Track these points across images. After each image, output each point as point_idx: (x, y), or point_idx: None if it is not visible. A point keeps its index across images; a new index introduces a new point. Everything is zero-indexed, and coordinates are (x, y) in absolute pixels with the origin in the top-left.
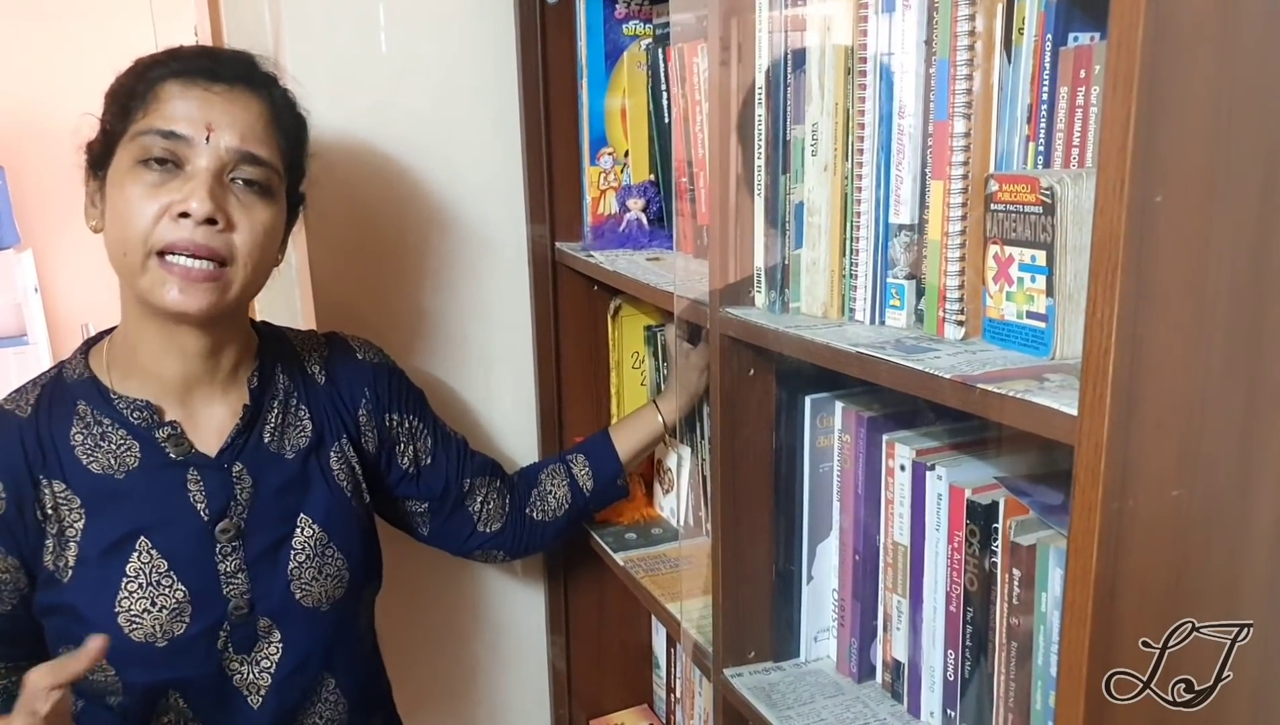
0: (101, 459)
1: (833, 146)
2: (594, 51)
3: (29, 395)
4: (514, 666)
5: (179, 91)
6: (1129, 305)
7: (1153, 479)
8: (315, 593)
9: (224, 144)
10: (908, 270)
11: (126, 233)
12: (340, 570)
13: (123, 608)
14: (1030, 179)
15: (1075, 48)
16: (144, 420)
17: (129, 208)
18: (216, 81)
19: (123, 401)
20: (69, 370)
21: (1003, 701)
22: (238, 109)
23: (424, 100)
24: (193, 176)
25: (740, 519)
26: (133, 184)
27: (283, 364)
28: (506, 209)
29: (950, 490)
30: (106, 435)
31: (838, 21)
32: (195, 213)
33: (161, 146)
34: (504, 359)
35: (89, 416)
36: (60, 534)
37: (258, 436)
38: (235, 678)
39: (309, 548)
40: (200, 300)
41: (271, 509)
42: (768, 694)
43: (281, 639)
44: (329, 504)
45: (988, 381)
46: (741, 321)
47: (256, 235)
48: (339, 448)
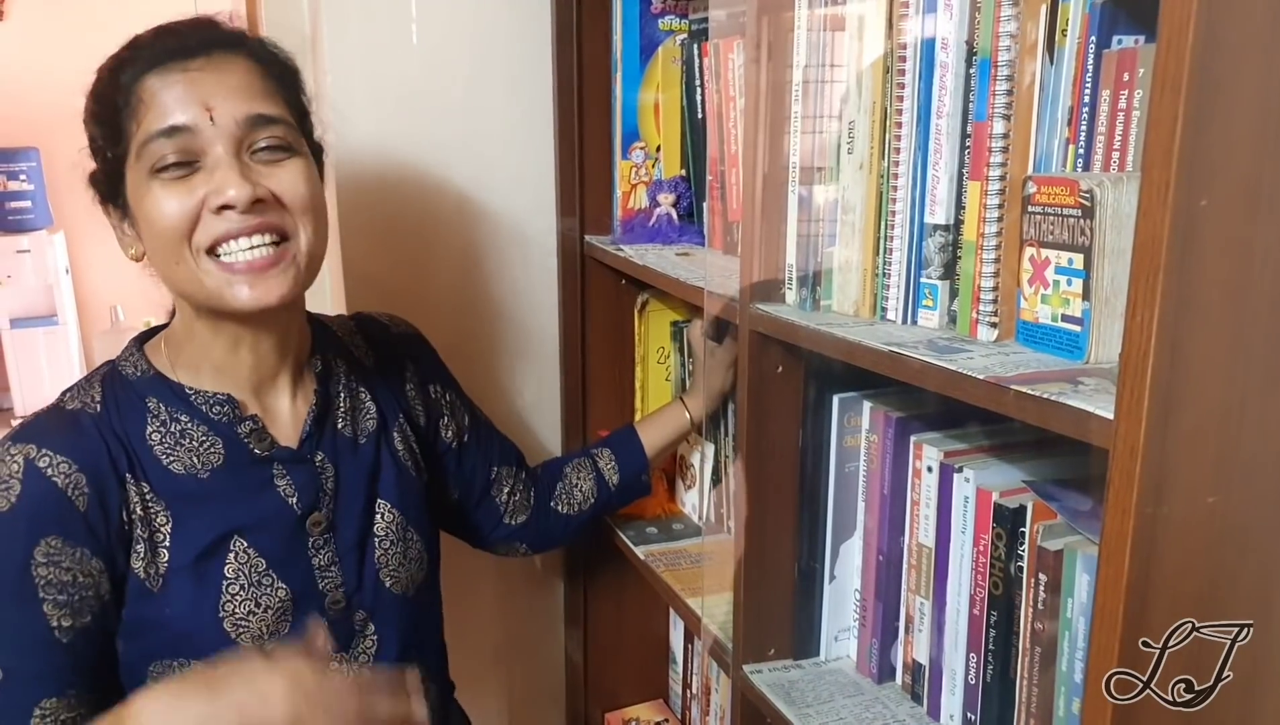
0: (183, 458)
1: (869, 145)
2: (629, 45)
3: (91, 392)
4: (531, 658)
5: (159, 83)
6: (1170, 309)
7: (1188, 485)
8: (403, 579)
9: (230, 116)
10: (941, 270)
11: (168, 241)
12: (420, 553)
13: (227, 612)
14: (1069, 181)
15: (1119, 50)
16: (224, 415)
17: (162, 216)
18: (191, 57)
19: (200, 397)
20: (127, 367)
21: (1024, 706)
22: (226, 75)
23: (456, 92)
24: (216, 166)
25: (764, 516)
26: (158, 193)
27: (335, 350)
28: (536, 201)
29: (977, 493)
30: (186, 433)
31: (877, 20)
32: (237, 201)
33: (171, 147)
34: (530, 351)
35: (163, 414)
36: (150, 539)
37: (332, 425)
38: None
39: (391, 533)
40: (277, 288)
41: (354, 497)
42: (787, 691)
43: (375, 633)
44: (401, 485)
45: (1021, 383)
46: (772, 318)
47: (301, 192)
48: (399, 426)
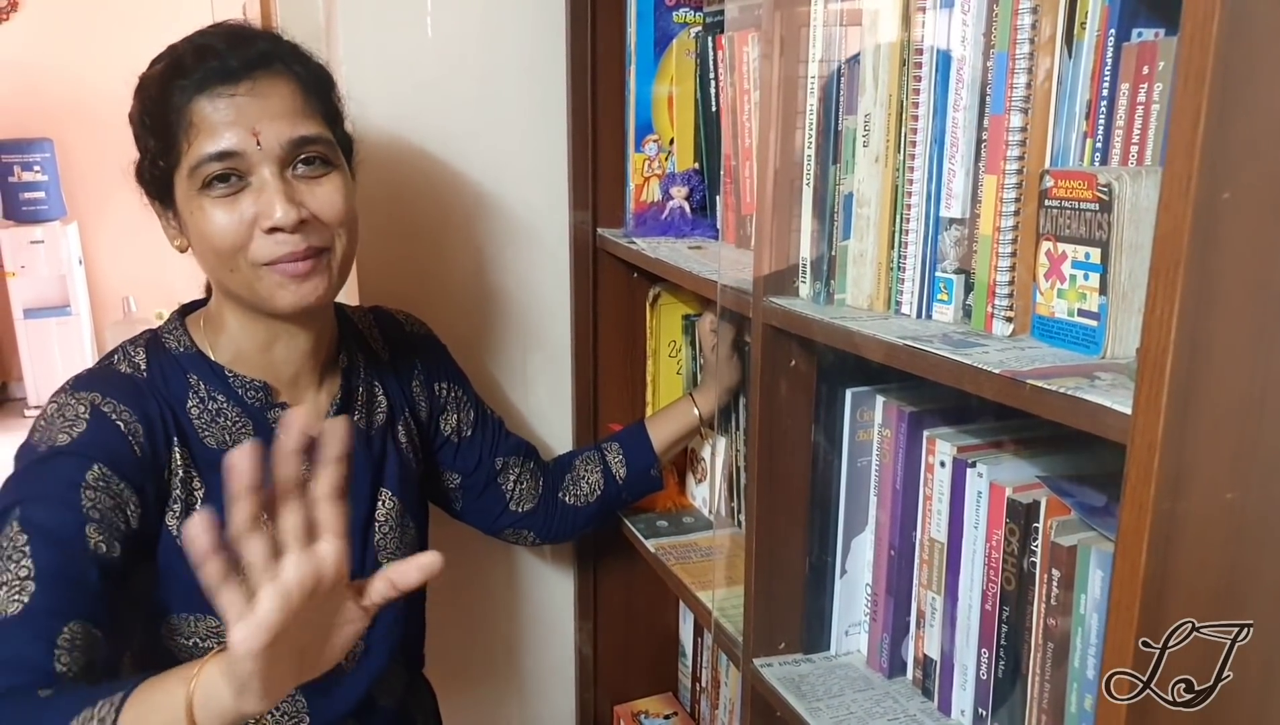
0: (216, 434)
1: (885, 138)
2: (643, 38)
3: (136, 357)
4: (542, 650)
5: (209, 107)
6: (1190, 303)
7: (1206, 481)
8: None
9: (275, 140)
10: (957, 264)
11: (223, 254)
12: (414, 539)
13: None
14: (1087, 175)
15: (1139, 43)
16: (258, 400)
17: (216, 230)
18: (237, 81)
19: (238, 380)
20: (170, 340)
21: (1036, 703)
22: (270, 100)
23: (470, 84)
24: (263, 187)
25: (775, 510)
26: (210, 210)
27: (356, 344)
28: (549, 194)
29: (991, 488)
30: (222, 412)
31: (894, 12)
32: (284, 224)
33: (220, 168)
34: (542, 343)
35: (203, 390)
36: (186, 500)
37: (350, 416)
38: None
39: (391, 519)
40: (313, 291)
41: (361, 485)
42: (797, 685)
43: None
44: (402, 475)
45: (1037, 377)
46: (785, 311)
47: (338, 206)
48: (405, 420)
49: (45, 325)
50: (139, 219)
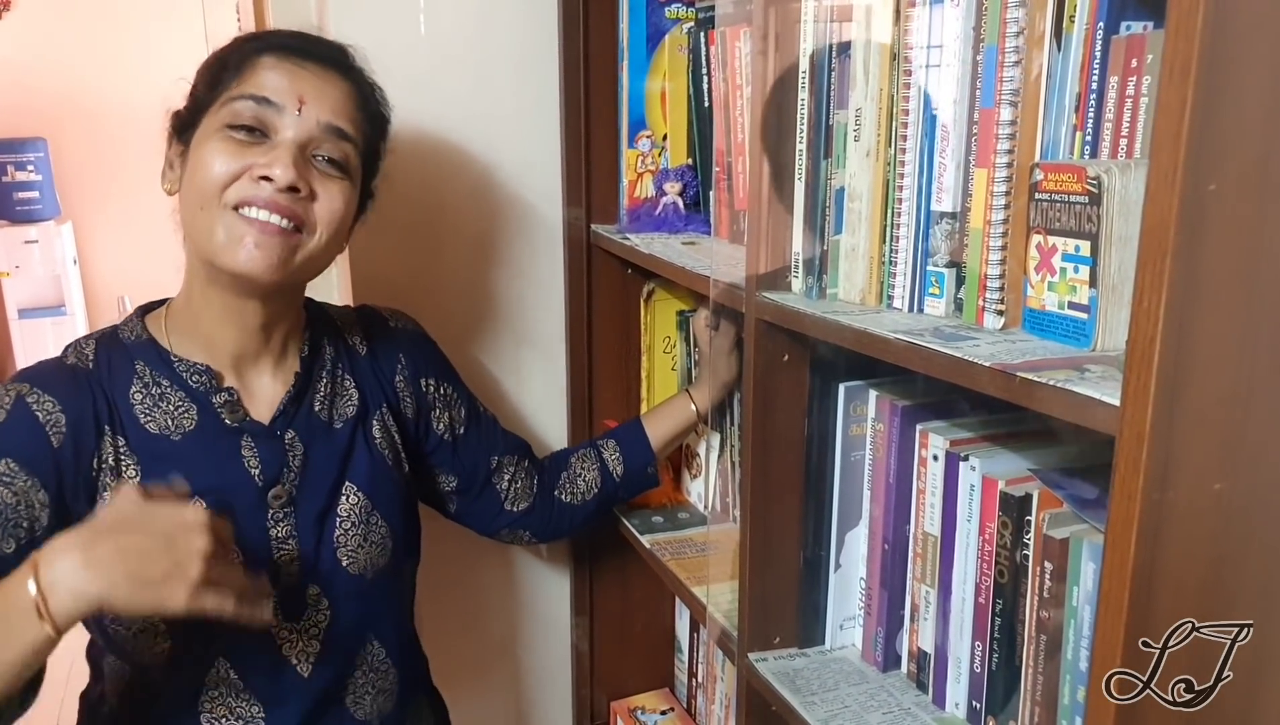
0: (159, 419)
1: (876, 132)
2: (636, 34)
3: (86, 349)
4: (538, 647)
5: (274, 63)
6: (1177, 295)
7: (1194, 472)
8: (360, 560)
9: (314, 117)
10: (948, 258)
11: (205, 187)
12: (384, 538)
13: None
14: (1077, 168)
15: (1128, 37)
16: (202, 384)
17: (211, 163)
18: (311, 60)
19: (182, 364)
20: (125, 332)
21: (1030, 694)
22: (329, 86)
23: (463, 81)
24: (278, 146)
25: (770, 505)
26: (218, 143)
27: (329, 337)
28: (543, 191)
29: (983, 481)
30: (165, 396)
31: (884, 7)
32: (278, 179)
33: (252, 112)
34: (536, 340)
35: (147, 376)
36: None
37: (308, 406)
38: (284, 645)
39: (354, 515)
40: (270, 256)
41: (321, 477)
42: (792, 679)
43: (330, 607)
44: (372, 471)
45: (1028, 370)
46: (778, 306)
47: (335, 209)
48: (380, 416)
49: (40, 325)
50: (134, 218)
